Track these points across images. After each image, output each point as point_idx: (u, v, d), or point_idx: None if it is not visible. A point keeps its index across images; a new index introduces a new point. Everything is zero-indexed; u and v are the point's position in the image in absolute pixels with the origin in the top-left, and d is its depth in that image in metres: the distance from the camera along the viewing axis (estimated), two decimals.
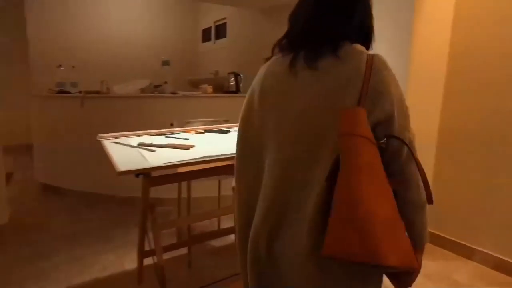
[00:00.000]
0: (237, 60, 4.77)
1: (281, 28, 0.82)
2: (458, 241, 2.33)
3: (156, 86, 3.45)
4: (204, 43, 5.65)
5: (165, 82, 3.44)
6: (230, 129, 2.21)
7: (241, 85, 3.63)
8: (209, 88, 3.60)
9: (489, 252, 2.17)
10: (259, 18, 4.38)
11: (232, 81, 3.61)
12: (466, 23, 2.22)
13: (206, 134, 2.08)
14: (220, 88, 3.70)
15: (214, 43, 5.36)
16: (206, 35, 5.59)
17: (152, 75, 3.69)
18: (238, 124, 0.88)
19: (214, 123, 2.57)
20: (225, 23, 5.00)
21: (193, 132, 2.10)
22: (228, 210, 2.10)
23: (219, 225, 2.54)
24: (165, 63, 3.58)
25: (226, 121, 2.59)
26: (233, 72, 3.62)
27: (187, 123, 2.50)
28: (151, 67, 4.05)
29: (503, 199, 2.10)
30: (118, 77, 3.85)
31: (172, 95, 3.30)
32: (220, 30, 5.19)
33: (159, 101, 3.25)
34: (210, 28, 5.42)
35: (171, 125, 2.14)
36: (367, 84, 0.66)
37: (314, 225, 0.69)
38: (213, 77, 4.54)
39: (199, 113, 3.03)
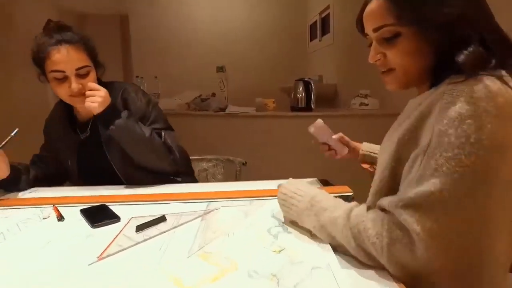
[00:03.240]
0: (341, 62, 3.58)
1: None
2: None
3: (204, 100, 2.75)
4: (312, 42, 4.63)
5: (213, 94, 2.71)
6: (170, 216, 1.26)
7: (313, 99, 2.52)
8: (271, 103, 2.65)
9: None
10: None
11: (300, 93, 2.54)
12: None
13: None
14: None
15: (320, 40, 4.28)
16: (313, 32, 4.57)
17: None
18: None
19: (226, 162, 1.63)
20: (328, 14, 3.87)
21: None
22: None
23: None
24: (220, 69, 2.84)
25: (244, 164, 1.60)
26: (302, 79, 2.54)
27: None
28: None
29: None
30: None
31: (213, 113, 2.53)
32: (325, 23, 4.08)
33: (187, 121, 2.54)
34: (316, 22, 4.37)
35: None
36: None
37: None
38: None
39: (237, 139, 2.18)
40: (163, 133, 1.20)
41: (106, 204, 0.98)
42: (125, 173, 1.20)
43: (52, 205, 0.98)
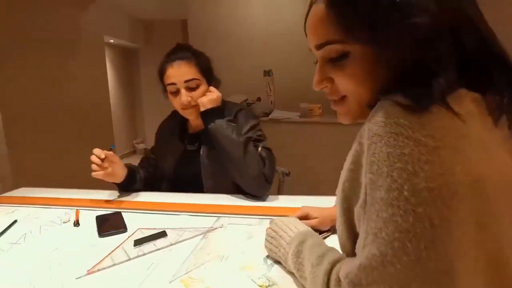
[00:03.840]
0: None
1: None
2: None
3: (249, 104, 2.74)
4: None
5: (258, 99, 2.68)
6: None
7: None
8: (317, 109, 2.54)
9: None
10: None
11: None
12: None
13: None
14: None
15: None
16: None
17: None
18: None
19: None
20: None
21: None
22: None
23: None
24: (267, 73, 2.81)
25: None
26: None
27: None
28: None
29: None
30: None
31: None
32: None
33: None
34: None
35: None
36: None
37: None
38: None
39: (281, 147, 2.13)
40: (260, 146, 1.16)
41: (122, 211, 1.01)
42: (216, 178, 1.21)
43: (75, 208, 1.05)
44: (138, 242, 0.80)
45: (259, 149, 1.15)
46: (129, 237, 0.85)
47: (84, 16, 3.08)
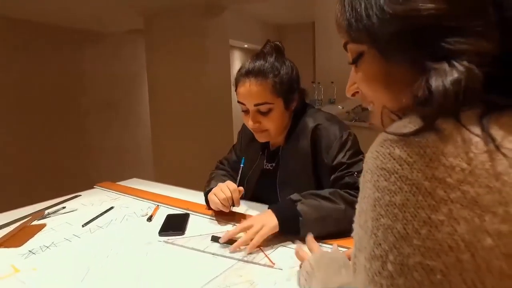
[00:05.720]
0: None
1: None
2: None
3: (364, 109, 2.51)
4: None
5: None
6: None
7: None
8: None
9: None
10: None
11: None
12: None
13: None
14: None
15: None
16: None
17: None
18: None
19: None
20: None
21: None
22: None
23: None
24: None
25: None
26: None
27: None
28: None
29: None
30: None
31: (364, 124, 2.27)
32: None
33: None
34: None
35: None
36: None
37: None
38: None
39: None
40: (353, 174, 0.93)
41: (191, 213, 1.06)
42: None
43: (157, 204, 1.16)
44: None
45: (351, 180, 0.92)
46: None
47: (215, 23, 3.41)
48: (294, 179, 1.03)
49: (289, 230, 0.85)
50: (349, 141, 0.98)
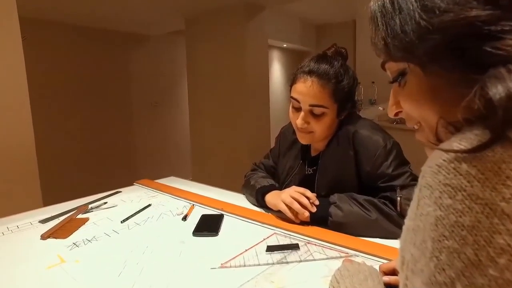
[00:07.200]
0: None
1: None
2: None
3: None
4: None
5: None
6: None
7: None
8: None
9: None
10: None
11: None
12: None
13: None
14: None
15: None
16: None
17: None
18: None
19: None
20: None
21: None
22: None
23: None
24: None
25: None
26: None
27: None
28: None
29: None
30: None
31: (405, 126, 2.16)
32: None
33: None
34: None
35: None
36: None
37: None
38: None
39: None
40: (398, 197, 0.88)
41: (225, 214, 1.06)
42: None
43: (192, 203, 1.17)
44: (270, 249, 0.83)
45: (392, 195, 0.89)
46: (264, 239, 0.89)
47: (253, 23, 3.42)
48: (332, 184, 1.01)
49: (319, 225, 0.94)
50: (394, 151, 0.95)
